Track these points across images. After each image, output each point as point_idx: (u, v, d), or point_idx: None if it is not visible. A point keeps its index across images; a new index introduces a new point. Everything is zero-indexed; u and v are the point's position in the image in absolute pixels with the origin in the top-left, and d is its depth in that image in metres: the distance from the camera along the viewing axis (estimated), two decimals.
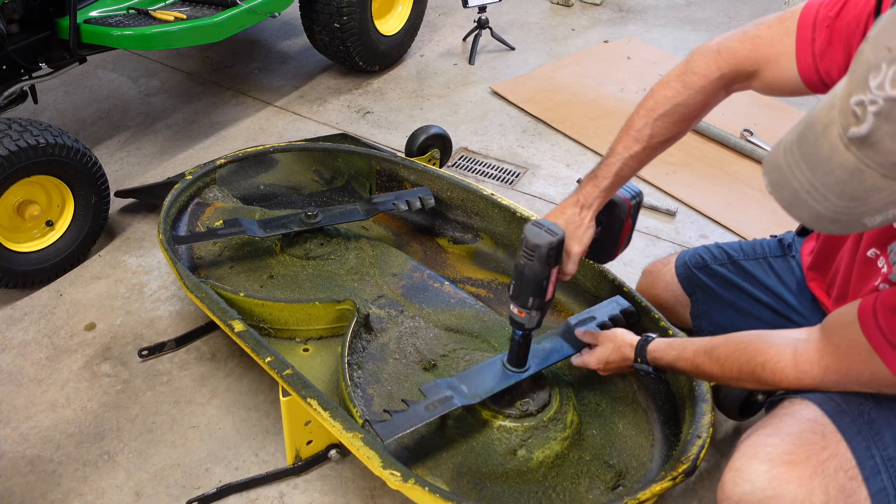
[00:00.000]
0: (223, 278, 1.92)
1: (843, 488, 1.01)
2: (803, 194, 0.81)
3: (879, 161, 0.75)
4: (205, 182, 2.16)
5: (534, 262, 1.28)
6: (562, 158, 2.80)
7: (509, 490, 1.40)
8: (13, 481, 1.62)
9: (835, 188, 0.78)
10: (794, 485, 1.01)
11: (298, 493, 1.59)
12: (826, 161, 0.78)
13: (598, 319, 1.58)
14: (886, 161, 0.74)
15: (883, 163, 0.75)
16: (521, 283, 1.31)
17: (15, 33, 2.35)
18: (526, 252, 1.28)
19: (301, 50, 3.65)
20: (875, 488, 1.02)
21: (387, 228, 2.21)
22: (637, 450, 1.50)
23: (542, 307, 1.34)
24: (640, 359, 1.36)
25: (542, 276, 1.29)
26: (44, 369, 1.90)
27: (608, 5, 4.19)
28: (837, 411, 1.06)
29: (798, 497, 1.00)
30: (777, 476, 1.02)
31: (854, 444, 1.03)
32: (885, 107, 0.72)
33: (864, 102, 0.74)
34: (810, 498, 1.00)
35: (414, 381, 1.63)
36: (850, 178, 0.77)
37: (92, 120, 3.06)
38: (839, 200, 0.79)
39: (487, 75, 3.42)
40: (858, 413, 1.06)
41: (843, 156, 0.77)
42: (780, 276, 1.50)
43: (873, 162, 0.75)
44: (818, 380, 1.06)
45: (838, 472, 1.02)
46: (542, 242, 1.26)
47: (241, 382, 1.85)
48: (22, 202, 2.06)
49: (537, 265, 1.28)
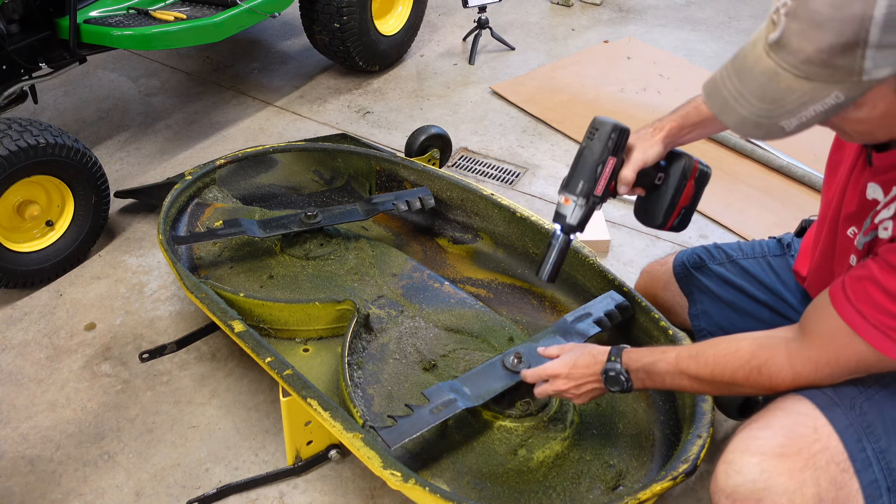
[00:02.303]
0: (223, 278, 1.92)
1: (835, 480, 1.02)
2: (731, 101, 0.90)
3: (791, 61, 0.84)
4: (204, 182, 2.16)
5: (594, 142, 1.26)
6: (562, 158, 2.80)
7: (509, 490, 1.40)
8: (13, 481, 1.62)
9: (756, 92, 0.88)
10: (784, 476, 1.01)
11: (298, 493, 1.59)
12: (751, 70, 0.88)
13: (594, 315, 1.58)
14: (796, 60, 0.83)
15: (794, 62, 0.84)
16: (576, 165, 1.29)
17: (15, 33, 2.35)
18: (590, 132, 1.27)
19: (301, 50, 3.65)
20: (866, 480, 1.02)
21: (387, 228, 2.21)
22: (637, 450, 1.50)
23: (589, 199, 1.29)
24: (614, 357, 1.28)
25: (599, 160, 1.27)
26: (44, 369, 1.90)
27: (608, 5, 4.19)
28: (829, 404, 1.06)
29: (789, 489, 1.00)
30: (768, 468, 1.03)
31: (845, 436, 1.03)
32: (792, 6, 0.82)
33: (778, 8, 0.84)
34: (801, 490, 1.00)
35: (414, 381, 1.63)
36: (769, 82, 0.86)
37: (92, 120, 3.06)
38: (760, 103, 0.88)
39: (487, 75, 3.42)
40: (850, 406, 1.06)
41: (765, 62, 0.86)
42: (779, 274, 1.50)
43: (787, 63, 0.84)
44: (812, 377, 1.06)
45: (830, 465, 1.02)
46: (607, 122, 1.26)
47: (241, 382, 1.85)
48: (22, 202, 2.06)
49: (597, 144, 1.26)
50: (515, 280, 1.98)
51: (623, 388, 1.27)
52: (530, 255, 1.95)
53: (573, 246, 1.81)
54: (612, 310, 1.61)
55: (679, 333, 1.54)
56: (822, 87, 0.84)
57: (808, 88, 0.84)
